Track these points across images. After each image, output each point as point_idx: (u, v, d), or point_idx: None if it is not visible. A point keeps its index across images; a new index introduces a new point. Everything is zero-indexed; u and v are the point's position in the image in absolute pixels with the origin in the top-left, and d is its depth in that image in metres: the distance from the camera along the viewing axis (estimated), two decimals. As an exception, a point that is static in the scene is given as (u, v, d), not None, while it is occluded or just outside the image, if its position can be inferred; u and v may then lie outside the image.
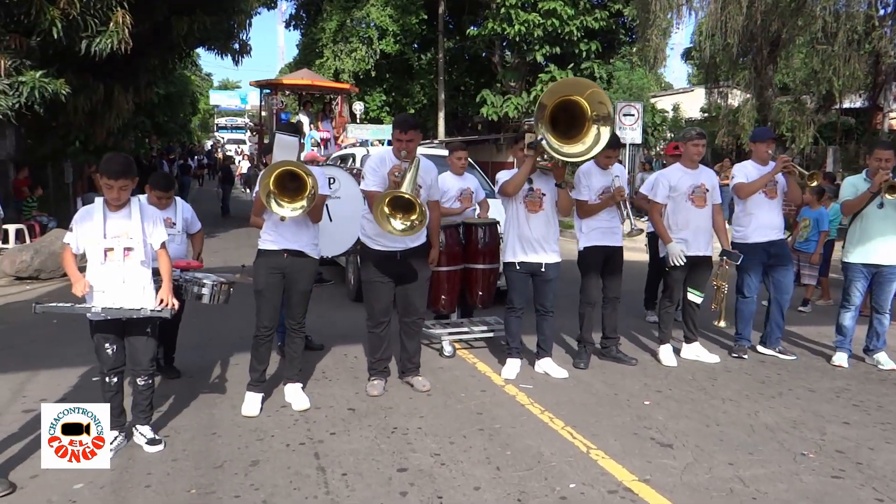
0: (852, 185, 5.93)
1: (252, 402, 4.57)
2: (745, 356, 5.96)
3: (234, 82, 66.76)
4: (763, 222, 5.87)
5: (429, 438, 4.14)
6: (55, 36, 10.06)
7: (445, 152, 8.82)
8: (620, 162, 5.57)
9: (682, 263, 5.59)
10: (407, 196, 4.35)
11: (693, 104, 22.92)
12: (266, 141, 18.09)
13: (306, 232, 4.57)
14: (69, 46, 10.53)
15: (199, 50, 19.21)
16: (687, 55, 36.01)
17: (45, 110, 10.47)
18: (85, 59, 10.95)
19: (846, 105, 15.98)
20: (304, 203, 4.20)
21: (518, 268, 5.21)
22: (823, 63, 13.55)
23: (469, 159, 6.81)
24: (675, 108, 23.14)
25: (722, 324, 6.01)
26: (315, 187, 4.16)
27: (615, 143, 5.39)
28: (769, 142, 6.01)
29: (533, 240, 5.16)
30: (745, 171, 5.89)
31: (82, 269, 3.81)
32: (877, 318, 5.89)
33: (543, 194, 5.15)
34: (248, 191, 22.20)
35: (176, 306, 3.92)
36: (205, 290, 4.66)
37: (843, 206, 5.99)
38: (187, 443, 4.07)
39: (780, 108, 15.09)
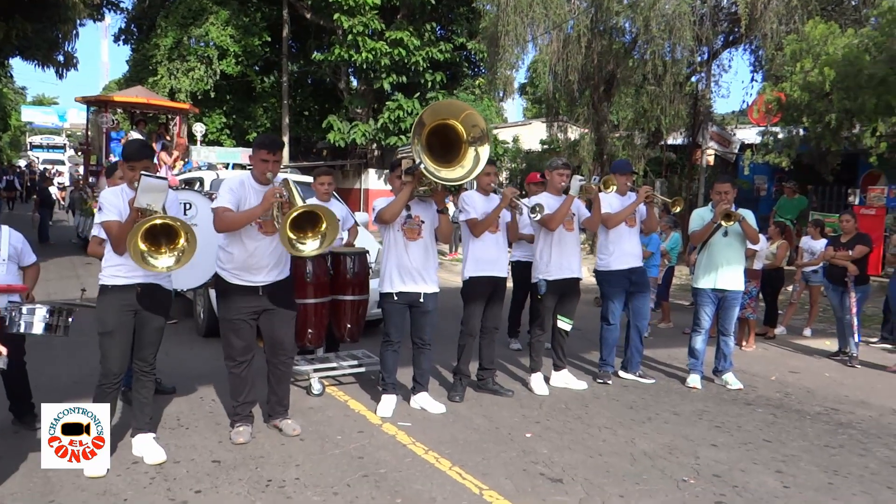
0: (699, 217, 6.33)
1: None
2: (610, 381, 6.12)
3: (50, 98, 61.49)
4: (625, 250, 6.09)
5: (309, 490, 3.77)
6: None
7: (302, 178, 8.48)
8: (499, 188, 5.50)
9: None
10: (311, 209, 3.98)
11: (531, 136, 23.98)
12: (94, 162, 16.62)
13: None
14: None
15: (15, 60, 17.34)
16: (522, 90, 37.94)
17: None
18: None
19: (670, 141, 17.36)
20: (176, 255, 3.76)
21: (396, 298, 4.98)
22: (652, 102, 14.62)
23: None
24: (515, 140, 24.12)
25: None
26: (190, 236, 3.73)
27: (490, 160, 5.32)
28: (629, 174, 6.28)
29: (412, 269, 4.96)
30: (608, 202, 6.08)
31: None
32: (723, 340, 6.28)
33: (422, 221, 4.99)
34: (71, 214, 20.23)
35: (4, 353, 3.30)
36: (38, 321, 3.97)
37: (692, 235, 6.37)
38: (18, 515, 3.43)
39: (615, 143, 16.09)
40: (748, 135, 17.72)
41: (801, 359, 7.50)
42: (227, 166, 12.40)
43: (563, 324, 5.94)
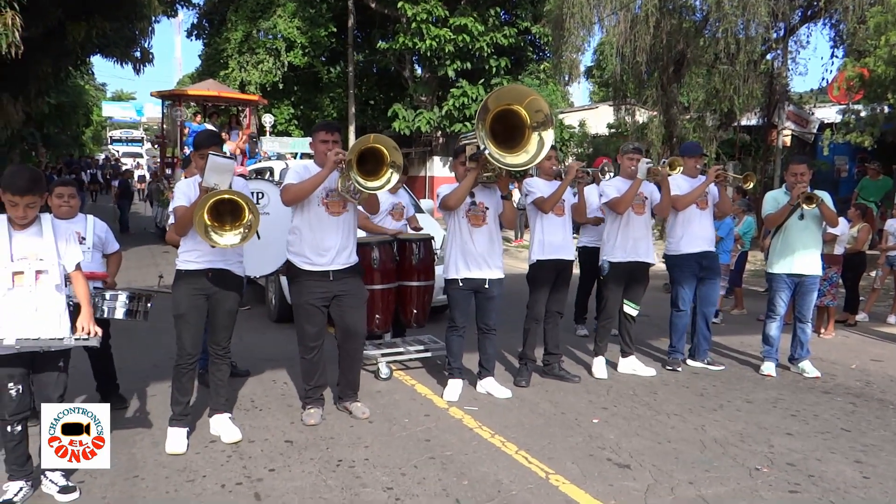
0: (773, 199, 6.09)
1: (177, 439, 4.14)
2: (679, 368, 6.00)
3: (128, 93, 63.99)
4: (696, 233, 5.95)
5: (378, 470, 3.86)
6: (-66, 37, 9.17)
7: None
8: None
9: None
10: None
11: (598, 120, 23.55)
12: (169, 154, 17.23)
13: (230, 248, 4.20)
14: (-50, 49, 9.61)
15: (95, 58, 18.12)
16: (588, 73, 37.26)
17: (-80, 118, 9.52)
18: (-32, 64, 10.05)
19: (744, 122, 16.77)
20: (240, 232, 3.85)
21: (461, 284, 5.01)
22: (725, 82, 14.13)
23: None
24: (582, 125, 23.74)
25: None
26: (254, 217, 3.83)
27: (552, 146, 5.30)
28: (698, 156, 6.12)
29: (476, 255, 4.98)
30: (677, 184, 5.94)
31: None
32: (800, 328, 6.05)
33: (486, 208, 5.00)
34: (149, 205, 21.06)
35: (99, 333, 3.48)
36: (119, 306, 4.18)
37: (766, 219, 6.14)
38: (106, 488, 3.62)
39: (685, 125, 15.65)
40: (828, 114, 16.96)
41: (884, 346, 7.17)
42: (294, 156, 12.64)
43: (630, 309, 5.86)
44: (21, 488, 3.44)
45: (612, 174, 5.41)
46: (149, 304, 4.27)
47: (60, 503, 3.46)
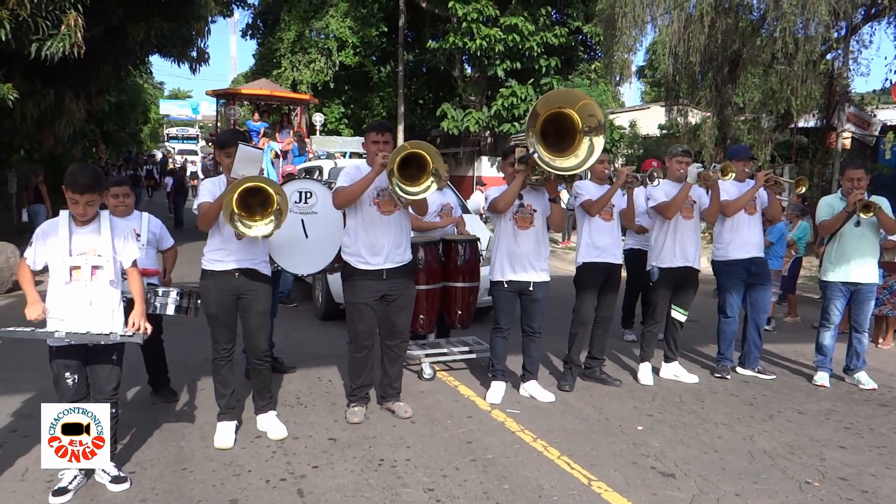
0: (828, 205, 5.91)
1: (225, 433, 4.23)
2: (728, 376, 5.87)
3: (185, 91, 65.58)
4: (744, 239, 5.82)
5: (419, 471, 3.88)
6: (3, 38, 9.48)
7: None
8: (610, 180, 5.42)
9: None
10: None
11: (649, 121, 23.16)
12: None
13: (256, 247, 4.22)
14: (18, 49, 9.93)
15: (153, 57, 18.62)
16: (640, 73, 36.72)
17: (-11, 117, 9.91)
18: (34, 64, 10.37)
19: (801, 124, 16.31)
20: (272, 219, 3.85)
21: (506, 286, 5.00)
22: (782, 83, 13.76)
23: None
24: (632, 125, 23.40)
25: None
26: (283, 202, 3.83)
27: (604, 149, 5.24)
28: (746, 160, 5.99)
29: (522, 257, 4.96)
30: (725, 189, 5.81)
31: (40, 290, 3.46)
32: (856, 338, 5.86)
33: (534, 210, 4.97)
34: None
35: (149, 330, 3.58)
36: (170, 302, 4.29)
37: (821, 226, 5.96)
38: (156, 480, 3.72)
39: (739, 126, 15.30)
40: (891, 115, 16.38)
41: (946, 359, 6.89)
42: (344, 155, 12.78)
43: (678, 314, 5.76)
44: (75, 476, 3.56)
45: (660, 180, 5.34)
46: (199, 301, 4.37)
47: (112, 492, 3.56)
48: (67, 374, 3.50)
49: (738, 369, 6.05)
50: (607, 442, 4.37)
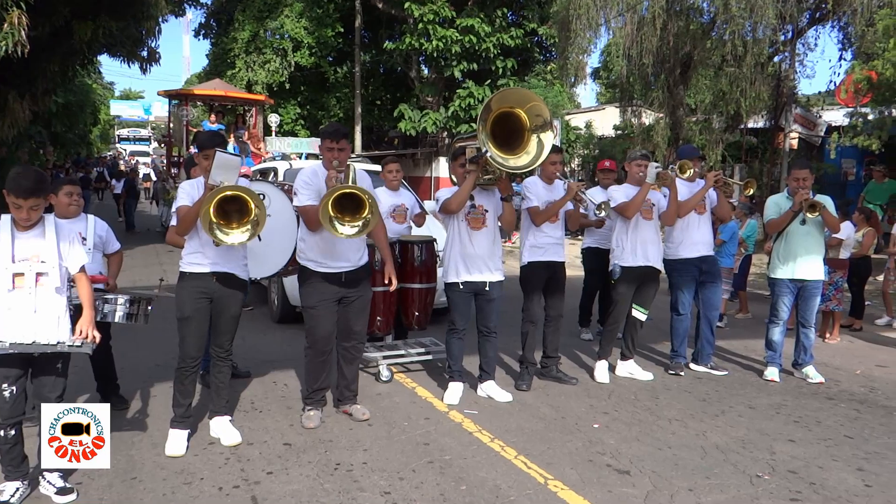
0: (775, 204, 6.05)
1: (177, 440, 4.13)
2: (682, 373, 5.97)
3: (136, 92, 64.17)
4: (694, 238, 5.93)
5: (376, 474, 3.84)
6: (-60, 36, 9.19)
7: (372, 167, 8.57)
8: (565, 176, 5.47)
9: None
10: (354, 191, 4.01)
11: (604, 122, 23.50)
12: (175, 153, 17.27)
13: (235, 252, 4.19)
14: (-44, 48, 9.64)
15: (103, 57, 18.17)
16: (595, 74, 37.17)
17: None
18: (-25, 63, 10.06)
19: (751, 125, 16.71)
20: (248, 228, 3.82)
21: (461, 287, 5.00)
22: (732, 84, 14.09)
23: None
24: (588, 126, 23.69)
25: None
26: (260, 212, 3.80)
27: (557, 148, 5.28)
28: (696, 160, 6.10)
29: (477, 258, 4.96)
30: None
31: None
32: (803, 333, 6.01)
33: (486, 210, 4.98)
34: (154, 204, 21.14)
35: (98, 339, 3.48)
36: (118, 309, 4.19)
37: (768, 224, 6.10)
38: (104, 490, 3.62)
39: (691, 127, 15.60)
40: (835, 116, 16.88)
41: (891, 352, 7.11)
42: (299, 156, 12.65)
43: (639, 313, 5.84)
44: (18, 489, 3.44)
45: (606, 212, 5.41)
46: (149, 308, 4.28)
47: (57, 504, 3.45)
48: (5, 386, 3.35)
49: (692, 366, 6.16)
50: (563, 440, 4.40)
